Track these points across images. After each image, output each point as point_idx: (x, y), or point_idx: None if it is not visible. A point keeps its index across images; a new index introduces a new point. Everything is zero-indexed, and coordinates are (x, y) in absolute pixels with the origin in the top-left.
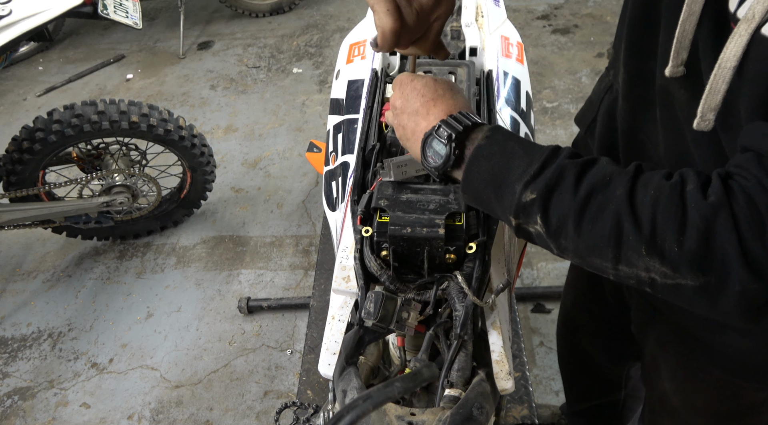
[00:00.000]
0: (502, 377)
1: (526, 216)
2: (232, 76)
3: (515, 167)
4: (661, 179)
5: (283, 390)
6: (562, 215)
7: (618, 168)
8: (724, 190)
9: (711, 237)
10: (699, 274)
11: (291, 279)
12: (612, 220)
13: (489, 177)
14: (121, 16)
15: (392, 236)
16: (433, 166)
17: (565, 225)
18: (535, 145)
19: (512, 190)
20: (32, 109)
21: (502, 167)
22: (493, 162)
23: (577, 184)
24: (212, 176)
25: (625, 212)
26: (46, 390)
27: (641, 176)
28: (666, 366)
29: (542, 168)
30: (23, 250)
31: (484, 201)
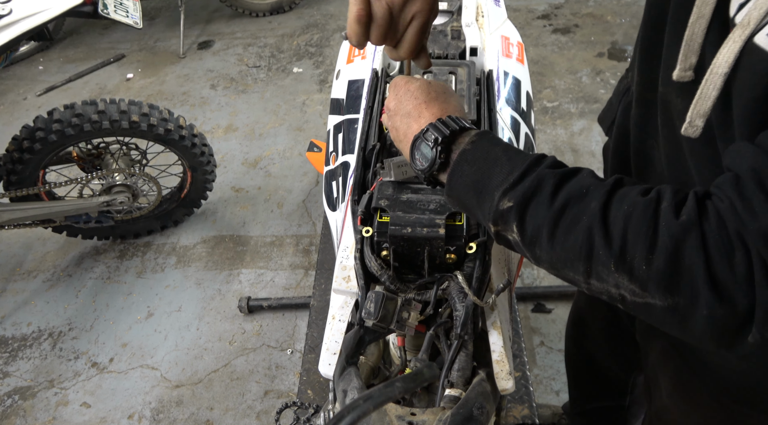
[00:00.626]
0: (502, 377)
1: (504, 223)
2: (232, 76)
3: (496, 173)
4: (637, 195)
5: (284, 390)
6: (537, 226)
7: (597, 180)
8: (698, 210)
9: (679, 258)
10: (667, 294)
11: (291, 279)
12: (584, 233)
13: (471, 182)
14: (121, 15)
15: (392, 236)
16: (420, 168)
17: (539, 236)
18: (520, 153)
19: (491, 197)
20: (32, 108)
21: (484, 173)
22: (476, 168)
23: (553, 195)
24: (212, 175)
25: (597, 226)
26: (46, 390)
27: (619, 190)
28: (665, 380)
29: (522, 177)
30: (24, 249)
31: (466, 206)
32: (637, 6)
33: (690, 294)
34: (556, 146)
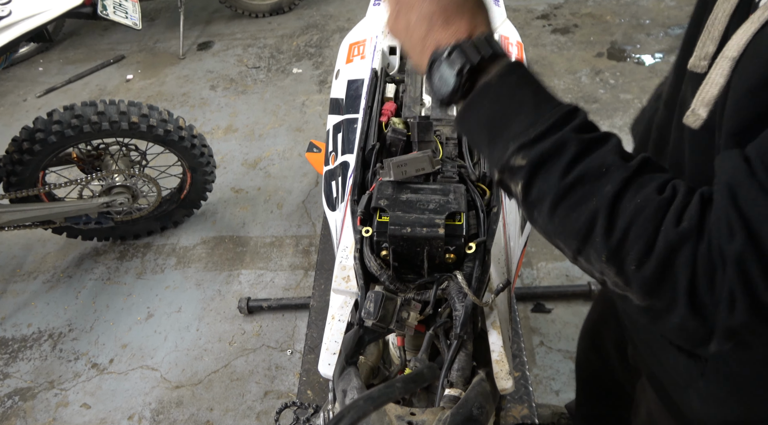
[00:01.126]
0: (502, 377)
1: (510, 177)
2: (232, 77)
3: (517, 120)
4: (653, 191)
5: (284, 390)
6: (543, 192)
7: (620, 160)
8: (699, 217)
9: (668, 267)
10: (647, 297)
11: (291, 279)
12: (588, 215)
13: (487, 121)
14: (120, 16)
15: (392, 236)
16: (438, 93)
17: (542, 202)
18: (551, 100)
19: (505, 146)
20: (32, 109)
21: (504, 115)
22: (497, 106)
23: (570, 165)
24: (212, 176)
25: (603, 212)
26: (46, 391)
27: (638, 178)
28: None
29: (543, 135)
30: (23, 251)
31: (474, 140)
32: (636, 6)
33: (668, 302)
34: None
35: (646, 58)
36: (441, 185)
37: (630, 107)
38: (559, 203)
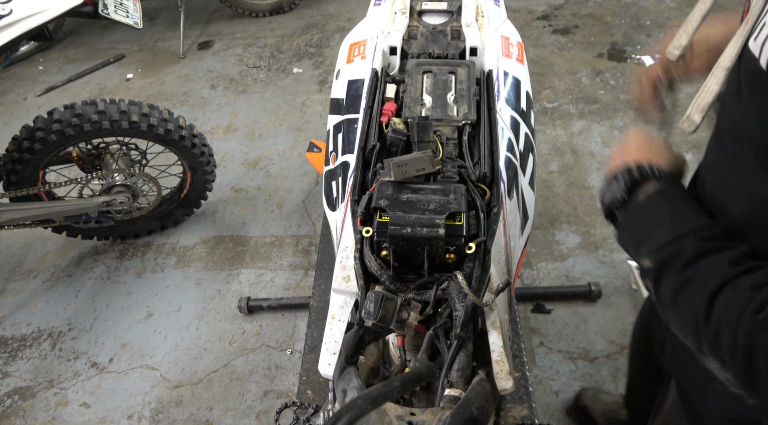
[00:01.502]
0: (502, 377)
1: (643, 276)
2: (232, 76)
3: (655, 234)
4: (747, 285)
5: (283, 390)
6: (665, 292)
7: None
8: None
9: (753, 356)
10: (751, 395)
11: (291, 279)
12: (693, 309)
13: (632, 234)
14: (121, 15)
15: (392, 236)
16: (604, 200)
17: (665, 299)
18: (689, 216)
19: (641, 252)
20: (32, 108)
21: (646, 229)
22: (641, 222)
23: (685, 266)
24: (212, 175)
25: (703, 306)
26: (46, 390)
27: (743, 276)
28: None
29: (669, 242)
30: (23, 249)
31: (628, 248)
32: (636, 7)
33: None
34: (555, 147)
35: (647, 59)
36: (441, 185)
37: (630, 108)
38: (673, 300)
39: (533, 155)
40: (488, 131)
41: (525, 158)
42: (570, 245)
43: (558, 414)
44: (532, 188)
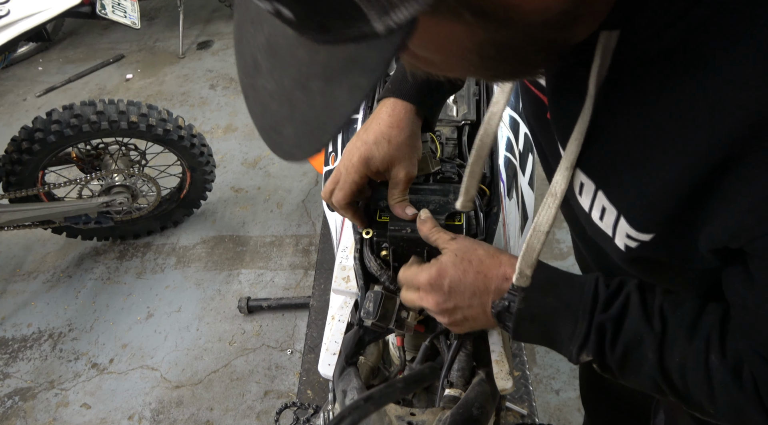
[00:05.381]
0: (502, 377)
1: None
2: (231, 76)
3: (562, 328)
4: (685, 343)
5: (283, 390)
6: (610, 367)
7: (646, 325)
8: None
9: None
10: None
11: (291, 279)
12: (650, 381)
13: (539, 335)
14: (119, 15)
15: (392, 237)
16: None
17: (613, 373)
18: (572, 288)
19: (568, 351)
20: (32, 109)
21: (550, 329)
22: (539, 324)
23: (613, 344)
24: (212, 175)
25: (659, 377)
26: (46, 391)
27: (666, 335)
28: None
29: (588, 333)
30: (23, 251)
31: (538, 344)
32: None
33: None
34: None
35: None
36: (441, 185)
37: None
38: (623, 373)
39: (533, 155)
40: None
41: (524, 157)
42: (570, 244)
43: (558, 414)
44: (531, 188)
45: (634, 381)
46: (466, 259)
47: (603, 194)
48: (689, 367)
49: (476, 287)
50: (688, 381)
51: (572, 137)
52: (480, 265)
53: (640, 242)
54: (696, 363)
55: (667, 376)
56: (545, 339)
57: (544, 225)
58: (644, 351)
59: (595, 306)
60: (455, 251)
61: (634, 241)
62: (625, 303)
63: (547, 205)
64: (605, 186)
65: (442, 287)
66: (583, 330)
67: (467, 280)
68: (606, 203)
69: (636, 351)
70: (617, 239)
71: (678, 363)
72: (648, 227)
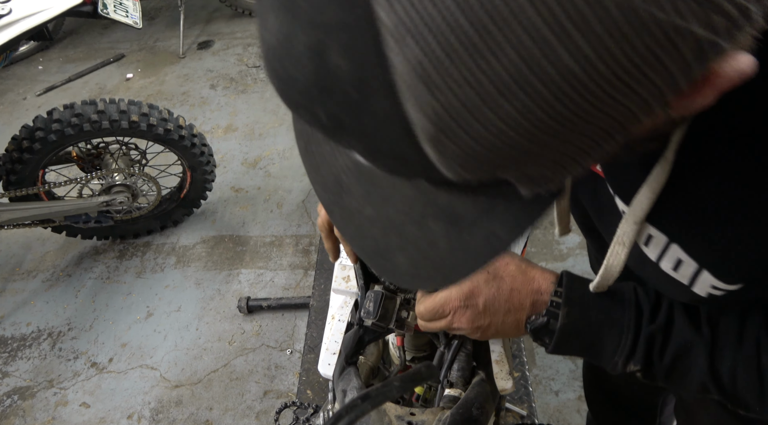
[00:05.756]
0: (502, 377)
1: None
2: (232, 76)
3: (608, 341)
4: (735, 347)
5: (283, 390)
6: (655, 375)
7: (694, 333)
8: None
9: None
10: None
11: (291, 279)
12: (698, 384)
13: (581, 349)
14: (121, 15)
15: None
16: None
17: (657, 379)
18: (612, 299)
19: (614, 363)
20: (32, 108)
21: (594, 341)
22: (583, 338)
23: (662, 353)
24: (212, 175)
25: (708, 380)
26: (45, 390)
27: (716, 340)
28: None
29: (635, 342)
30: (23, 249)
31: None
32: None
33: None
34: None
35: None
36: None
37: None
38: (668, 379)
39: None
40: None
41: None
42: (570, 245)
43: (558, 415)
44: None
45: (677, 384)
46: (499, 276)
47: (679, 247)
48: (740, 369)
49: (511, 305)
50: (738, 383)
51: (642, 191)
52: (513, 281)
53: (727, 291)
54: (748, 366)
55: (717, 380)
56: (587, 352)
57: (615, 268)
58: (694, 358)
59: (641, 317)
60: (486, 267)
61: (720, 291)
62: (669, 312)
63: (615, 252)
64: (681, 240)
65: (477, 306)
66: (629, 341)
67: (502, 298)
68: (683, 255)
69: (685, 359)
70: (697, 287)
71: (729, 367)
72: (740, 280)
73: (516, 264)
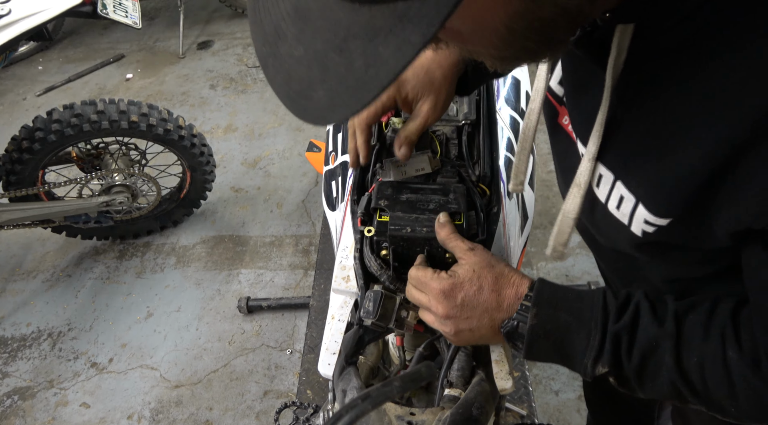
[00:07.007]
0: (501, 377)
1: (602, 375)
2: (231, 76)
3: (576, 342)
4: (701, 342)
5: (283, 390)
6: (627, 378)
7: (659, 329)
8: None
9: (763, 400)
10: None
11: (291, 279)
12: (669, 385)
13: (552, 351)
14: (120, 15)
15: (392, 236)
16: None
17: (630, 383)
18: (581, 302)
19: (583, 364)
20: (32, 108)
21: (564, 343)
22: (552, 340)
23: (629, 352)
24: (212, 175)
25: (677, 379)
26: (45, 390)
27: (682, 336)
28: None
29: (602, 342)
30: (23, 250)
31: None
32: None
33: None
34: None
35: None
36: (441, 185)
37: None
38: (641, 380)
39: (533, 155)
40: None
41: None
42: (570, 245)
43: (557, 415)
44: (531, 188)
45: (651, 389)
46: (483, 276)
47: (621, 184)
48: (708, 365)
49: (489, 305)
50: (707, 380)
51: (593, 131)
52: (495, 283)
53: (657, 226)
54: (714, 360)
55: (686, 378)
56: (558, 354)
57: (572, 212)
58: (661, 356)
59: (607, 317)
60: (473, 265)
61: (651, 226)
62: (636, 311)
63: (572, 194)
64: (624, 176)
65: (455, 299)
66: (597, 341)
67: (481, 297)
68: (624, 192)
69: (653, 357)
70: (633, 226)
71: (696, 363)
72: (666, 212)
73: (500, 267)
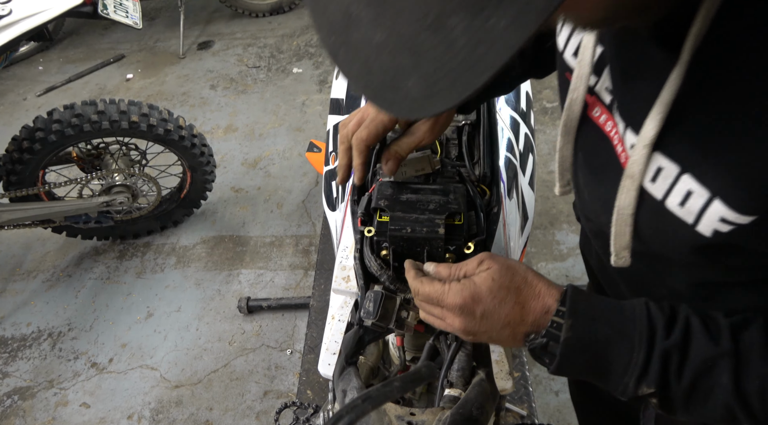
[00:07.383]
0: (501, 377)
1: (643, 398)
2: (232, 76)
3: (616, 358)
4: (762, 363)
5: (283, 390)
6: (672, 399)
7: (715, 348)
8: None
9: None
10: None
11: (291, 279)
12: (722, 407)
13: (586, 367)
14: (121, 15)
15: (392, 236)
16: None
17: (675, 407)
18: (622, 315)
19: (623, 383)
20: (32, 108)
21: (601, 359)
22: (588, 355)
23: (679, 372)
24: (212, 175)
25: (734, 402)
26: (45, 390)
27: (742, 358)
28: None
29: (648, 359)
30: (23, 250)
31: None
32: None
33: None
34: (555, 147)
35: None
36: (441, 185)
37: None
38: (688, 404)
39: (533, 155)
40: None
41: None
42: (570, 245)
43: (557, 415)
44: (531, 188)
45: (700, 412)
46: (504, 286)
47: (691, 177)
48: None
49: (512, 318)
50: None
51: (652, 114)
52: (518, 294)
53: (736, 225)
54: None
55: (744, 401)
56: (593, 371)
57: (628, 208)
58: (717, 377)
59: (654, 333)
60: (492, 274)
61: (729, 225)
62: (686, 327)
63: (625, 188)
64: (695, 167)
65: (474, 314)
66: (641, 358)
67: (503, 310)
68: (694, 185)
69: (707, 378)
70: (701, 225)
71: (758, 386)
72: (754, 209)
73: (522, 274)
